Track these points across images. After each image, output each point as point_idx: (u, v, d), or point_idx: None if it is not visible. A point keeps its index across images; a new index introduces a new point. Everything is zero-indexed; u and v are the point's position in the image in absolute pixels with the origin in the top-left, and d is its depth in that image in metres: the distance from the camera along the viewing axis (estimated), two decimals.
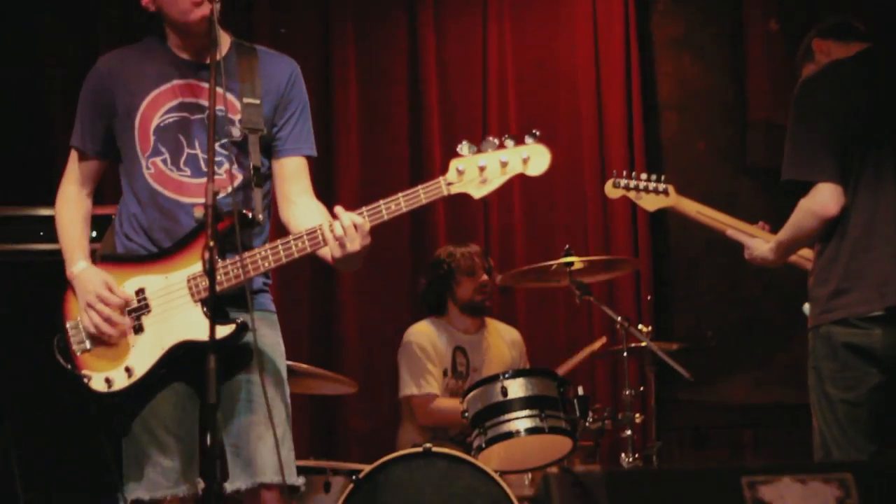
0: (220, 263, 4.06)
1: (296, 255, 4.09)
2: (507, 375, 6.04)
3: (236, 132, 4.26)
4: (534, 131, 4.11)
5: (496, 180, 4.07)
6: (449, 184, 4.05)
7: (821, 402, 4.78)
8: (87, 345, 4.24)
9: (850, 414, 4.69)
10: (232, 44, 4.40)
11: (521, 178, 7.76)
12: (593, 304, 6.67)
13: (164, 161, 4.29)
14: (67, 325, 4.30)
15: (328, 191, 7.66)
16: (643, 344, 6.38)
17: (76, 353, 4.26)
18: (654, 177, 5.52)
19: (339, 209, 4.05)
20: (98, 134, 4.43)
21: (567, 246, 6.42)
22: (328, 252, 4.08)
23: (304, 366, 6.08)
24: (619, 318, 6.30)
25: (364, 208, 4.05)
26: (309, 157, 4.48)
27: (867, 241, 4.71)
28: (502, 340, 7.12)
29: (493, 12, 8.15)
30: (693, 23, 8.26)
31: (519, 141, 4.08)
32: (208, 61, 4.20)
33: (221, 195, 4.16)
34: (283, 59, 4.52)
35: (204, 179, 4.12)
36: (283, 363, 4.38)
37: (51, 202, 4.56)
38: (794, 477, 2.87)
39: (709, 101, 8.23)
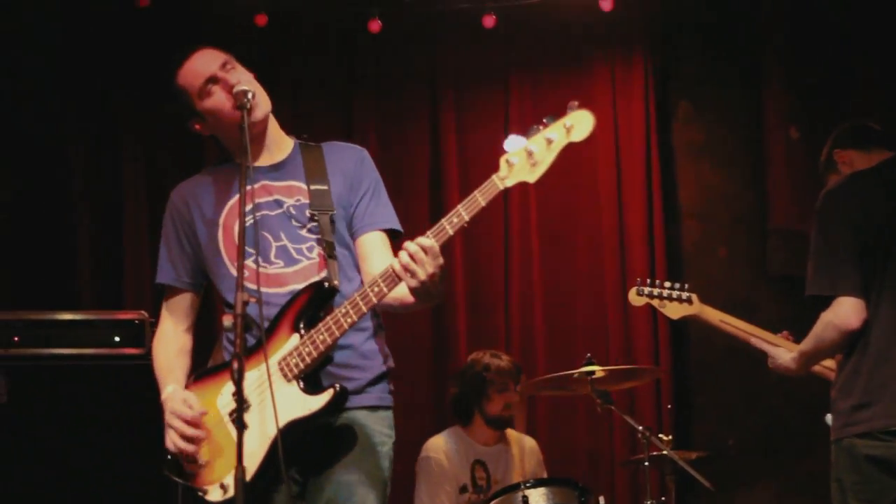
0: (307, 334, 4.05)
1: (375, 301, 3.99)
2: (528, 485, 6.00)
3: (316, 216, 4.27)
4: (573, 102, 3.99)
5: (546, 159, 3.95)
6: (502, 178, 3.95)
7: None
8: (199, 459, 4.18)
9: None
10: (296, 144, 4.44)
11: (542, 285, 7.89)
12: (614, 413, 6.64)
13: (255, 261, 4.20)
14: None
15: None
16: (664, 453, 6.34)
17: (189, 472, 4.20)
18: (677, 285, 5.52)
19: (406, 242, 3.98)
20: (186, 265, 4.45)
21: (588, 354, 6.39)
22: (405, 290, 4.00)
23: None
24: (641, 428, 6.26)
25: (428, 231, 3.95)
26: (388, 231, 4.46)
27: (889, 354, 4.69)
28: (521, 450, 7.06)
29: (515, 118, 8.20)
30: (714, 130, 8.30)
31: (559, 116, 3.98)
32: (269, 163, 4.37)
33: (319, 277, 4.20)
34: (350, 146, 4.56)
35: (297, 266, 4.25)
36: (384, 461, 4.37)
37: (73, 307, 4.53)
38: None
39: (729, 209, 8.24)
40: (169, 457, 4.22)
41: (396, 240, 4.41)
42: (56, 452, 6.39)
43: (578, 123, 3.95)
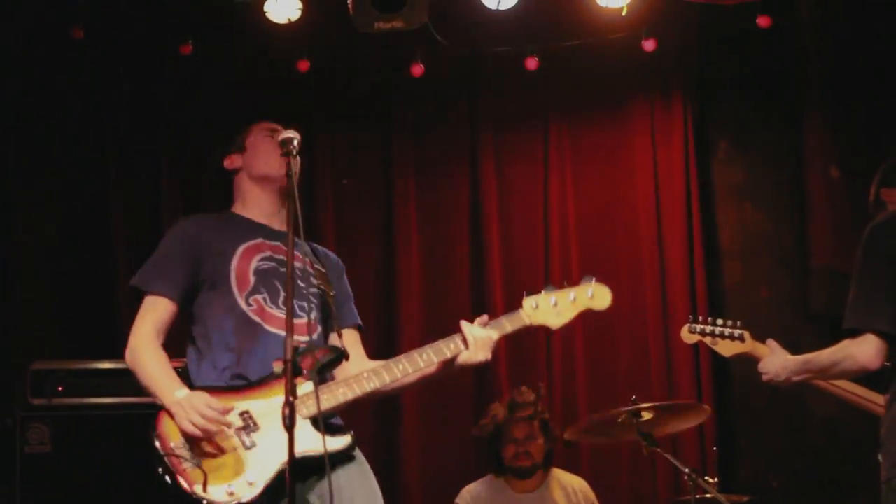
0: (324, 385, 4.40)
1: (410, 370, 4.54)
2: None
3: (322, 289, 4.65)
4: (588, 277, 4.66)
5: (569, 313, 4.64)
6: (529, 315, 4.58)
7: None
8: (198, 461, 4.28)
9: None
10: None
11: (583, 326, 7.86)
12: (658, 456, 6.59)
13: (265, 299, 4.58)
14: (172, 446, 4.31)
15: (390, 342, 7.75)
16: (710, 496, 6.29)
17: (186, 471, 4.26)
18: (729, 322, 5.48)
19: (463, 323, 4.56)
20: (180, 284, 4.64)
21: (633, 397, 6.36)
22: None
23: None
24: (688, 471, 6.21)
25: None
26: (360, 329, 4.95)
27: None
28: (564, 493, 6.94)
29: (555, 161, 8.21)
30: (754, 170, 8.29)
31: (576, 284, 4.69)
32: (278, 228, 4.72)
33: (303, 338, 4.50)
34: (331, 254, 5.03)
35: (300, 321, 4.52)
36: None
37: (114, 356, 4.60)
38: None
39: (771, 249, 8.22)
40: (160, 461, 4.30)
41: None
42: (99, 501, 6.41)
43: (599, 295, 4.70)
